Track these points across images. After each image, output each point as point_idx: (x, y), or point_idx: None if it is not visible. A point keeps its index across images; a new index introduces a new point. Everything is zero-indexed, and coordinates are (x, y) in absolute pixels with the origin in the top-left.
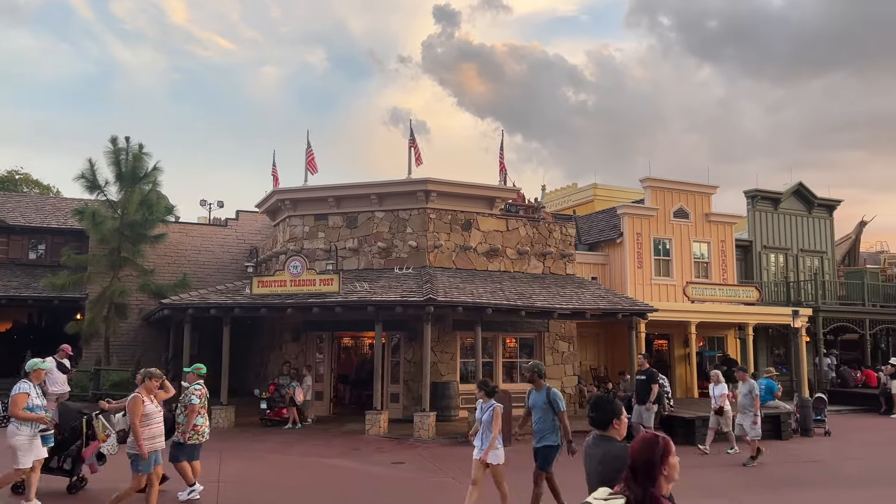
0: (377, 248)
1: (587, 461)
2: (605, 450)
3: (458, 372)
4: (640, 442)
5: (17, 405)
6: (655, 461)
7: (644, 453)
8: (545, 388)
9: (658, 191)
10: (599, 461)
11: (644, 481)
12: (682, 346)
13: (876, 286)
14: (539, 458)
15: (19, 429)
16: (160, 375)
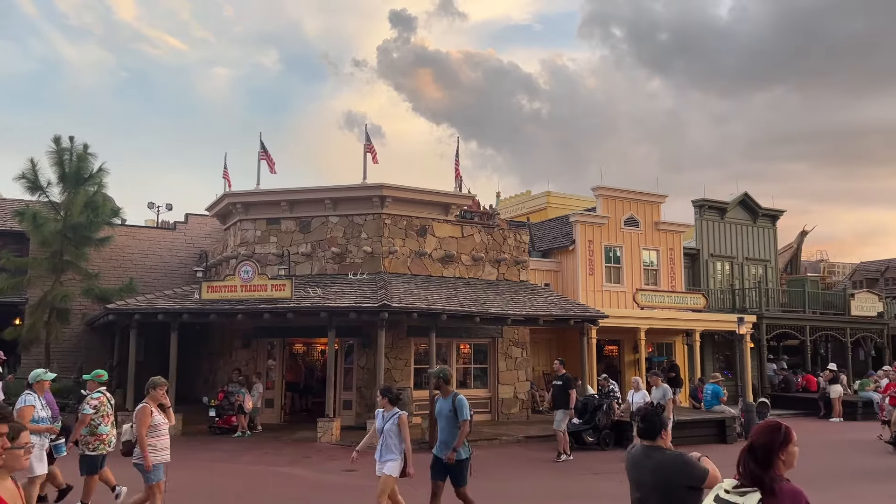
0: (331, 254)
1: (634, 470)
2: (657, 459)
3: (413, 378)
4: (762, 427)
5: (24, 418)
6: (775, 446)
7: (764, 437)
8: (452, 394)
9: (609, 199)
10: (652, 470)
11: (762, 463)
12: (632, 352)
13: (816, 294)
14: (453, 473)
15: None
16: (165, 384)
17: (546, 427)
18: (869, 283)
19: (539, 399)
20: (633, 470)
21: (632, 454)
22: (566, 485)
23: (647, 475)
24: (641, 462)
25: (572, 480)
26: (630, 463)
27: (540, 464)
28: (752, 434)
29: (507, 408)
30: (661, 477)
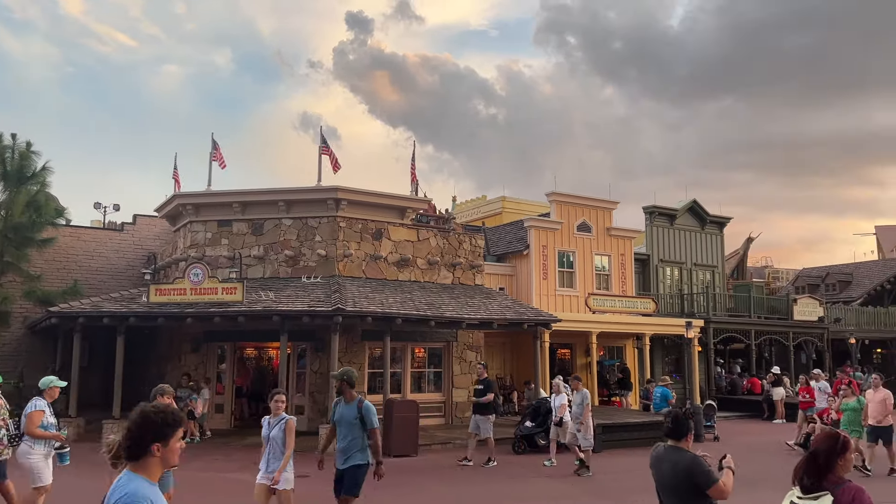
0: (284, 257)
1: (656, 467)
2: (675, 460)
3: (366, 383)
4: (824, 436)
5: (32, 423)
6: (835, 452)
7: (826, 444)
8: (357, 399)
9: (563, 205)
10: (673, 467)
11: (825, 467)
12: (584, 356)
13: (761, 299)
14: (346, 480)
15: (33, 447)
16: (172, 392)
17: (499, 430)
18: (811, 288)
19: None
20: (655, 467)
21: (656, 453)
22: (519, 487)
23: (666, 474)
24: (662, 461)
25: (526, 483)
26: (653, 460)
27: (496, 468)
28: (814, 442)
29: (461, 411)
30: (676, 477)
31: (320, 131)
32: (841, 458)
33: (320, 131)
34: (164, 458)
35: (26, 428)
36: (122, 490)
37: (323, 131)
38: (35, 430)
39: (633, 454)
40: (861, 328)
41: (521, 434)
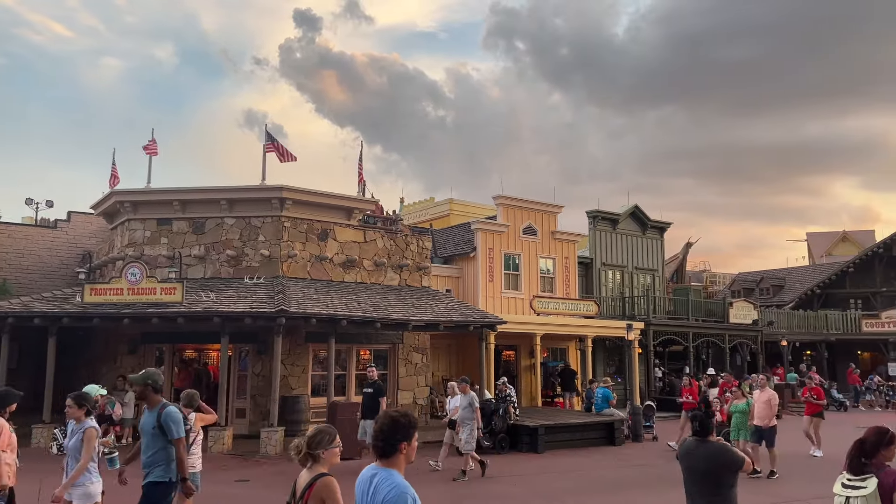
0: (226, 257)
1: (688, 458)
2: (709, 449)
3: (310, 385)
4: (874, 429)
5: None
6: (881, 443)
7: (874, 437)
8: (159, 405)
9: (509, 208)
10: (705, 457)
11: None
12: (528, 357)
13: (699, 302)
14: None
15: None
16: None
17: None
18: (746, 292)
19: (438, 405)
20: (687, 458)
21: (686, 446)
22: (462, 489)
23: (700, 462)
24: (695, 452)
25: (469, 485)
26: (684, 453)
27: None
28: (865, 434)
29: None
30: (711, 463)
31: (265, 129)
32: (885, 449)
33: (265, 129)
34: (408, 455)
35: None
36: (390, 483)
37: (268, 129)
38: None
39: (575, 454)
40: (792, 331)
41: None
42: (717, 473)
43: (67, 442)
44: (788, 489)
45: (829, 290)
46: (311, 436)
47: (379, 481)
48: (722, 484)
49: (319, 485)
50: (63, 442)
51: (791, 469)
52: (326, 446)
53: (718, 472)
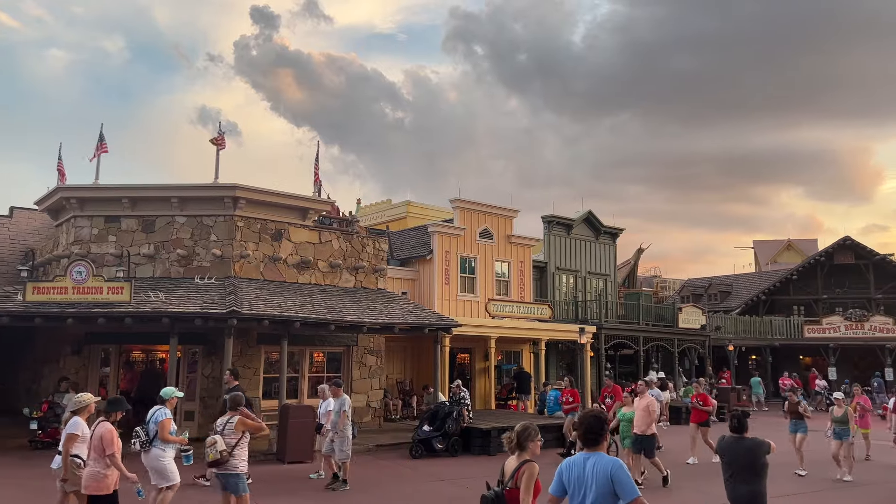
0: (176, 256)
1: (729, 452)
2: (748, 444)
3: (262, 388)
4: None
5: (165, 430)
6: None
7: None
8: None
9: (466, 211)
10: (745, 451)
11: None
12: (483, 360)
13: (649, 307)
14: None
15: (165, 451)
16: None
17: (398, 435)
18: (695, 297)
19: (392, 407)
20: (728, 453)
21: (726, 442)
22: (414, 493)
23: (741, 455)
24: (735, 447)
25: (421, 487)
26: (725, 448)
27: (389, 472)
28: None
29: (359, 416)
30: (750, 455)
31: (219, 127)
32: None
33: (219, 127)
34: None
35: (160, 434)
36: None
37: (222, 126)
38: (167, 435)
39: None
40: (739, 336)
41: (419, 438)
42: (755, 463)
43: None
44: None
45: (774, 297)
46: (520, 431)
47: (596, 461)
48: (759, 471)
49: (525, 468)
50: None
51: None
52: (532, 439)
53: (755, 462)
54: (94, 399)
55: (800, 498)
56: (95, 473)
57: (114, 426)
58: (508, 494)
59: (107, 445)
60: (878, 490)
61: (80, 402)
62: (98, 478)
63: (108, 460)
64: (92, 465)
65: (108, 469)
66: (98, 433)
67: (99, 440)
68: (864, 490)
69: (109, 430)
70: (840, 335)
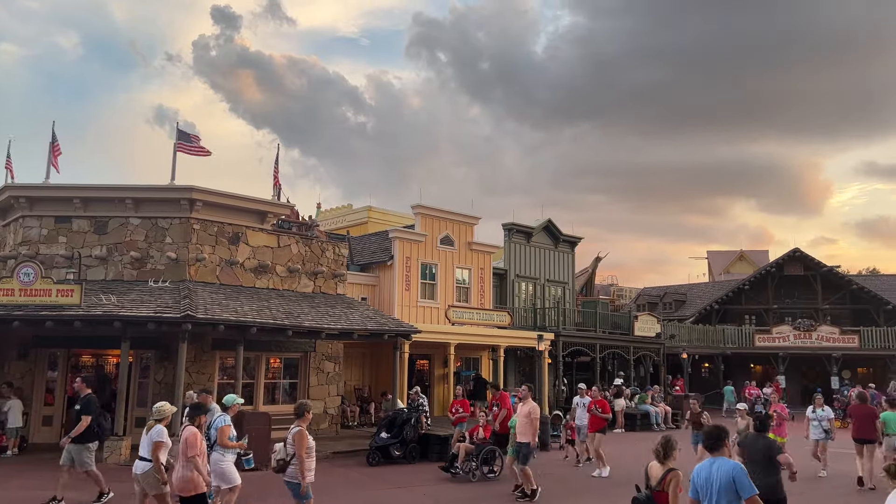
0: (130, 258)
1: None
2: (767, 442)
3: (216, 394)
4: None
5: (224, 435)
6: None
7: None
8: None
9: (427, 218)
10: (763, 448)
11: None
12: (442, 366)
13: (606, 315)
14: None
15: (225, 455)
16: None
17: (355, 442)
18: (650, 306)
19: (350, 414)
20: (749, 447)
21: (749, 438)
22: (371, 500)
23: (759, 450)
24: (755, 444)
25: (378, 494)
26: (747, 443)
27: (345, 479)
28: None
29: (316, 423)
30: (767, 451)
31: (177, 127)
32: None
33: (177, 127)
34: (725, 449)
35: (219, 439)
36: (730, 465)
37: (180, 127)
38: (226, 441)
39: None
40: (692, 344)
41: (376, 445)
42: (770, 458)
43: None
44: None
45: (727, 306)
46: (665, 443)
47: (719, 465)
48: (774, 465)
49: (672, 476)
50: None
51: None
52: (675, 449)
53: (771, 457)
54: (174, 409)
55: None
56: (184, 475)
57: (199, 430)
58: (657, 496)
59: (189, 448)
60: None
61: (163, 412)
62: (187, 479)
63: (193, 462)
64: (179, 468)
65: (194, 471)
66: (182, 437)
67: (184, 443)
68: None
69: (193, 434)
70: (789, 344)
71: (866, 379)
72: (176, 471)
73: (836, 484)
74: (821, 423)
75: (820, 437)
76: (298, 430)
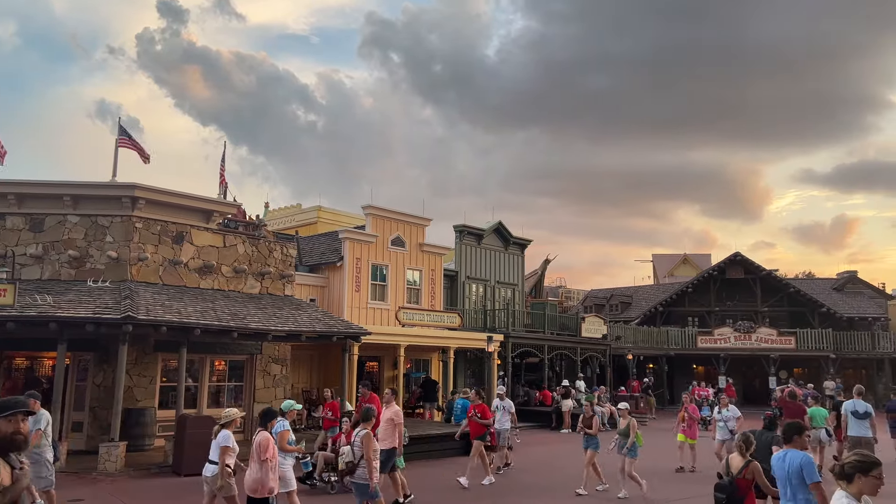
0: (68, 257)
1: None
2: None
3: (158, 397)
4: None
5: (283, 440)
6: None
7: None
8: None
9: (378, 219)
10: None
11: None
12: (392, 368)
13: (554, 317)
14: None
15: (284, 459)
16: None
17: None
18: (597, 308)
19: (297, 417)
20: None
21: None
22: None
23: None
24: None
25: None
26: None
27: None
28: None
29: None
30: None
31: (119, 122)
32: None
33: (119, 122)
34: (802, 443)
35: (279, 444)
36: (798, 455)
37: (122, 122)
38: (286, 445)
39: (434, 465)
40: (638, 345)
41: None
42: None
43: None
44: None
45: (671, 308)
46: (746, 440)
47: (791, 456)
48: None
49: (752, 466)
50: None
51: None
52: (753, 444)
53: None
54: (241, 413)
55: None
56: (257, 478)
57: (270, 434)
58: (738, 483)
59: (263, 452)
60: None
61: (229, 417)
62: (258, 481)
63: (265, 465)
64: (252, 470)
65: (266, 473)
66: (256, 441)
67: (257, 447)
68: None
69: (266, 438)
70: (730, 345)
71: (802, 379)
72: (248, 472)
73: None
74: (727, 424)
75: (726, 438)
76: (365, 433)
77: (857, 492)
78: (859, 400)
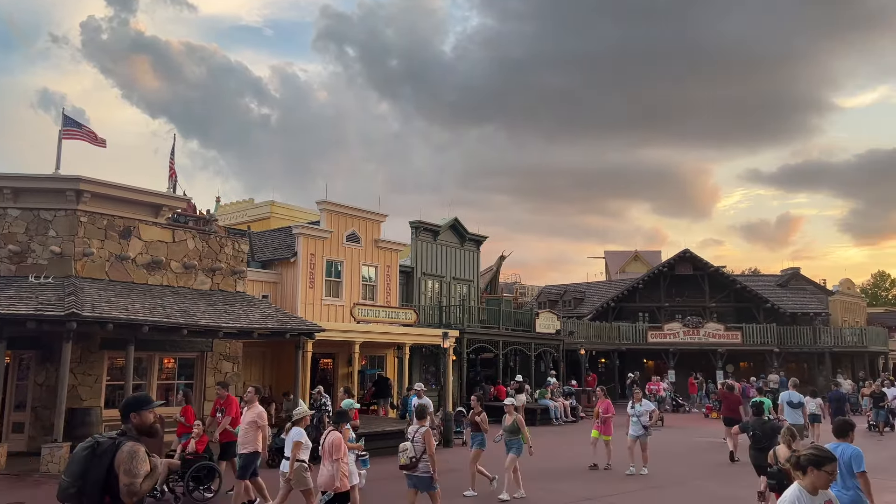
0: (8, 252)
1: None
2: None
3: (104, 396)
4: None
5: (344, 437)
6: None
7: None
8: None
9: (333, 214)
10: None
11: None
12: (346, 365)
13: (509, 312)
14: None
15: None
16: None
17: None
18: (551, 304)
19: None
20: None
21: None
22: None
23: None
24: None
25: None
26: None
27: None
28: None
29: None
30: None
31: (63, 113)
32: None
33: (63, 113)
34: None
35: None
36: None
37: (67, 113)
38: (347, 443)
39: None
40: (590, 340)
41: (276, 447)
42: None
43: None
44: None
45: (622, 304)
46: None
47: (844, 447)
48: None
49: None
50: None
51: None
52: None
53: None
54: (311, 411)
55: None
56: (332, 475)
57: (342, 434)
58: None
59: (335, 451)
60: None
61: (300, 414)
62: (333, 477)
63: (337, 464)
64: (326, 467)
65: (339, 471)
66: (329, 440)
67: (330, 445)
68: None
69: (338, 438)
70: (679, 340)
71: (748, 372)
72: (321, 470)
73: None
74: (639, 419)
75: (638, 434)
76: (425, 429)
77: (809, 484)
78: (794, 391)
